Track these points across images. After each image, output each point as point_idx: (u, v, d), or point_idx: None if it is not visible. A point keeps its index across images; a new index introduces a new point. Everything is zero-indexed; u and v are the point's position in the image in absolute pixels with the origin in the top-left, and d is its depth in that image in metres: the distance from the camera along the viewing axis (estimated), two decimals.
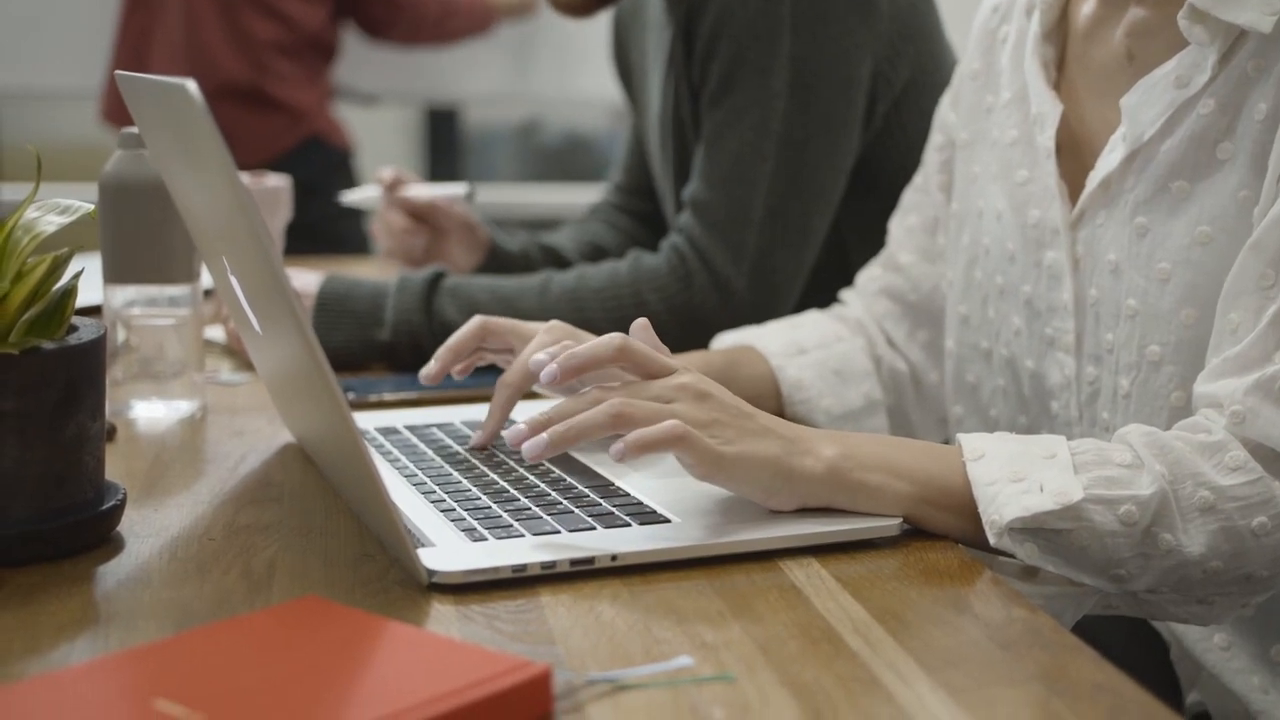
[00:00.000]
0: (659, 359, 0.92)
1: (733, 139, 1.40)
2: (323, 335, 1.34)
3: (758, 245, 1.39)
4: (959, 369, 1.20)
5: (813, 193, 1.40)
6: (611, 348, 0.91)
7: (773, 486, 0.88)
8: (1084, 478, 0.87)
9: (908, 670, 0.71)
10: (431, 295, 1.36)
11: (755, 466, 0.88)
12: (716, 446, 0.87)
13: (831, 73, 1.39)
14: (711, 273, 1.39)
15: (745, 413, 0.90)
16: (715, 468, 0.87)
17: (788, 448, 0.89)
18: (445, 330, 1.35)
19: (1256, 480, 0.88)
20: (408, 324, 1.35)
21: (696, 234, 1.40)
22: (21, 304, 0.84)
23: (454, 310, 1.35)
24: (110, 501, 0.88)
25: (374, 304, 1.36)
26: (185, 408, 1.20)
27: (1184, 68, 0.99)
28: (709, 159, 1.41)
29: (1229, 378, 0.91)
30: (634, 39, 1.65)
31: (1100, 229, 1.04)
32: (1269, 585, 0.91)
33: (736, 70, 1.39)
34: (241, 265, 0.89)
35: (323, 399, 0.82)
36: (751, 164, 1.39)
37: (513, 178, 4.54)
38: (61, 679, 0.66)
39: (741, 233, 1.39)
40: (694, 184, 1.43)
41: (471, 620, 0.76)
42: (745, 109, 1.39)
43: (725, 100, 1.40)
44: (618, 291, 1.39)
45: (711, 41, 1.41)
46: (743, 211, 1.39)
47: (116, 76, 0.98)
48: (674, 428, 0.86)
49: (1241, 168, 0.96)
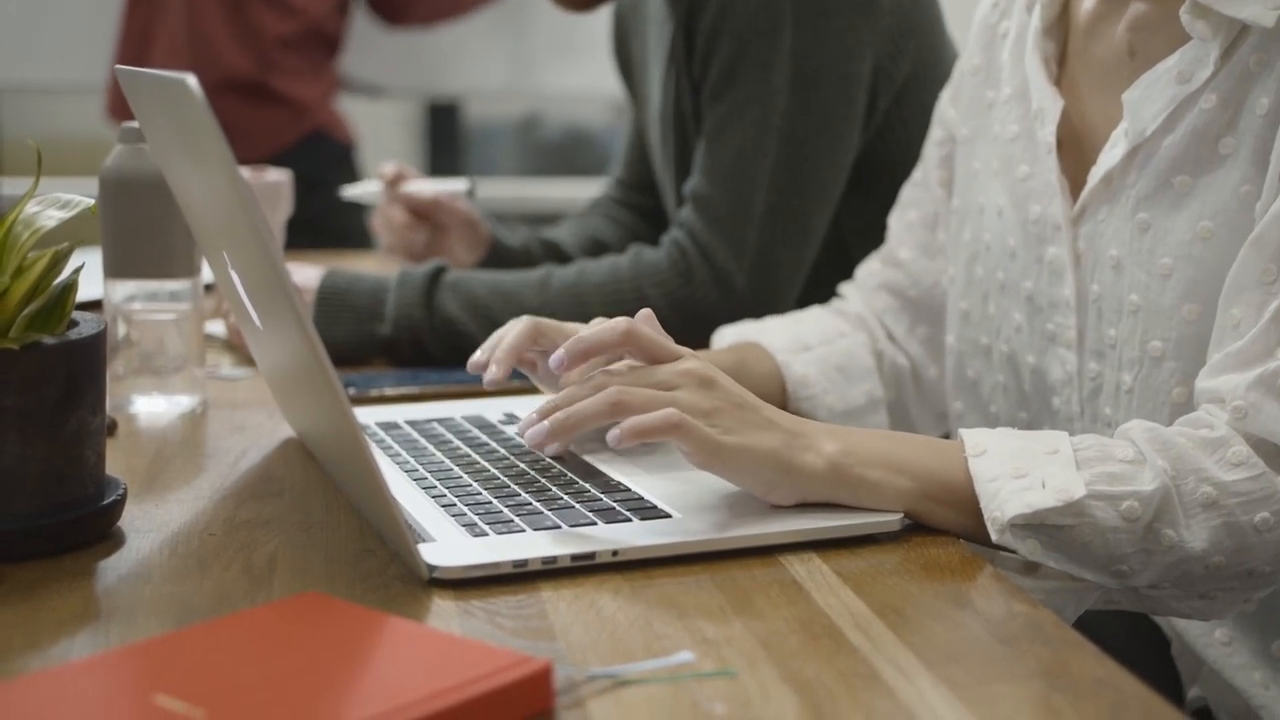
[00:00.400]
0: (665, 344, 0.92)
1: (734, 134, 1.39)
2: (323, 330, 1.34)
3: (759, 241, 1.39)
4: (959, 364, 1.20)
5: (814, 189, 1.40)
6: (618, 332, 0.91)
7: (772, 480, 0.88)
8: (1086, 474, 0.87)
9: (909, 665, 0.71)
10: (432, 290, 1.36)
11: (754, 458, 0.88)
12: (715, 435, 0.87)
13: (833, 68, 1.39)
14: (712, 268, 1.39)
15: (750, 404, 0.90)
16: (713, 457, 0.87)
17: (789, 441, 0.89)
18: (446, 325, 1.35)
19: (1259, 475, 0.88)
20: (408, 319, 1.35)
21: (698, 229, 1.40)
22: (22, 299, 0.84)
23: (455, 305, 1.35)
24: (111, 497, 0.88)
25: (375, 299, 1.36)
26: (186, 403, 1.20)
27: (1186, 63, 0.98)
28: (710, 154, 1.41)
29: (1231, 373, 0.91)
30: (635, 33, 1.65)
31: (1102, 224, 1.04)
32: (1271, 580, 0.91)
33: (738, 65, 1.39)
34: (242, 260, 0.89)
35: (323, 394, 0.82)
36: (753, 159, 1.39)
37: (513, 172, 4.53)
38: (62, 674, 0.66)
39: (743, 228, 1.39)
40: (695, 179, 1.42)
41: (472, 615, 0.76)
42: (746, 104, 1.39)
43: (726, 95, 1.40)
44: (619, 286, 1.39)
45: (713, 37, 1.41)
46: (744, 207, 1.39)
47: (116, 71, 0.97)
48: (670, 415, 0.86)
49: (1243, 163, 0.96)
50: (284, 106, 2.93)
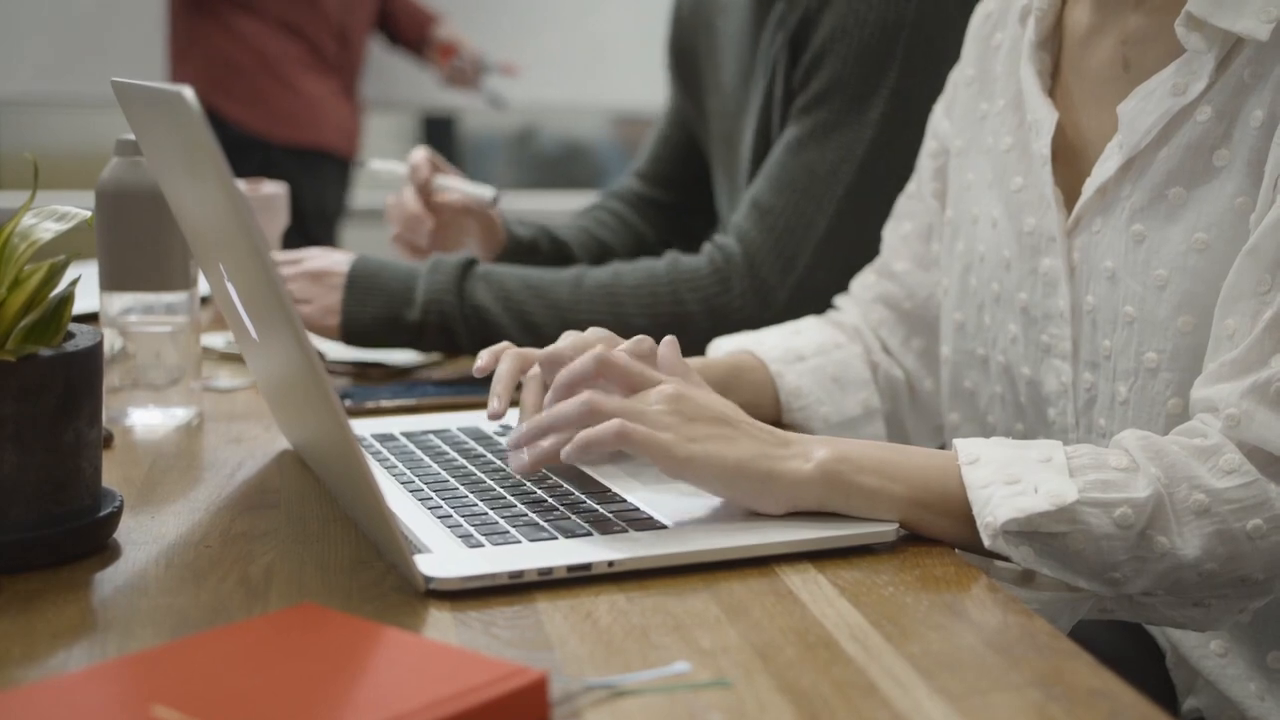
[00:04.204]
0: (640, 372, 0.94)
1: (813, 152, 1.38)
2: (352, 312, 1.34)
3: (809, 262, 1.38)
4: (956, 376, 1.20)
5: (873, 225, 1.38)
6: (590, 363, 0.94)
7: (751, 489, 0.89)
8: (1079, 480, 0.87)
9: (905, 676, 0.71)
10: (464, 278, 1.35)
11: (723, 467, 0.89)
12: (677, 444, 0.89)
13: (923, 114, 1.38)
14: (756, 279, 1.38)
15: (729, 419, 0.91)
16: (678, 465, 0.89)
17: (766, 451, 0.90)
18: (476, 313, 1.34)
19: (1252, 483, 0.88)
20: (439, 304, 1.34)
21: (751, 236, 1.39)
22: (19, 311, 0.84)
23: (486, 294, 1.34)
24: (107, 508, 0.88)
25: (405, 283, 1.35)
26: (182, 415, 1.20)
27: (1181, 75, 0.99)
28: (782, 166, 1.40)
29: (1225, 382, 0.91)
30: (703, 26, 1.61)
31: (1097, 236, 1.04)
32: (1265, 589, 0.91)
33: (836, 89, 1.39)
34: (238, 272, 0.89)
35: (320, 406, 0.82)
36: (825, 182, 1.38)
37: (509, 185, 4.54)
38: (59, 686, 0.66)
39: (797, 246, 1.38)
40: (760, 185, 1.41)
41: (468, 626, 0.76)
42: (834, 128, 1.38)
43: (816, 113, 1.39)
44: (655, 289, 1.38)
45: (820, 55, 1.40)
46: (804, 225, 1.38)
47: (112, 83, 0.98)
48: (616, 425, 0.88)
49: (1238, 174, 0.96)
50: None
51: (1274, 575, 0.90)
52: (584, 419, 0.90)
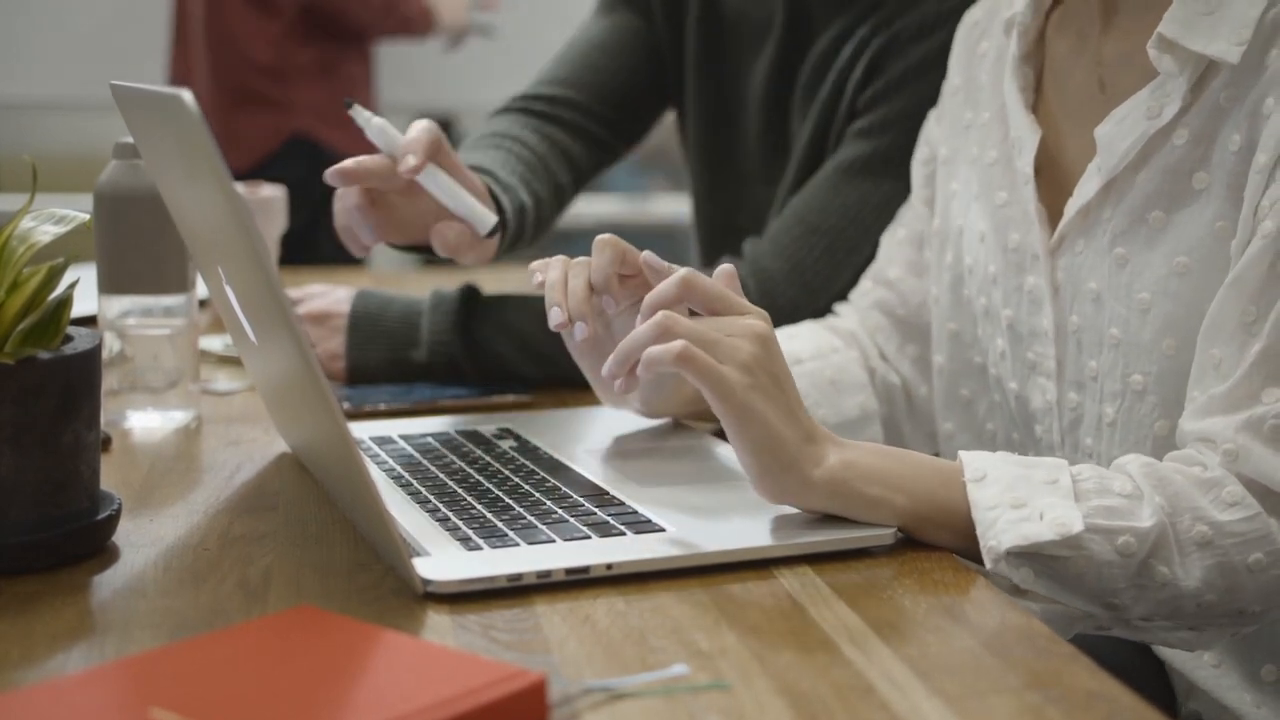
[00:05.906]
0: (726, 296, 0.91)
1: (868, 181, 1.37)
2: (357, 356, 1.32)
3: (848, 285, 1.36)
4: (951, 385, 1.20)
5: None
6: (675, 284, 0.91)
7: (769, 469, 0.87)
8: (1084, 507, 0.86)
9: (903, 678, 0.71)
10: (466, 315, 1.32)
11: (768, 435, 0.87)
12: (740, 385, 0.86)
13: None
14: (805, 293, 1.36)
15: (789, 385, 0.89)
16: (731, 407, 0.86)
17: (801, 444, 0.88)
18: (482, 350, 1.31)
19: (1254, 516, 0.88)
20: (444, 344, 1.32)
21: (800, 257, 1.37)
22: (17, 314, 0.84)
23: (490, 329, 1.32)
24: (106, 511, 0.88)
25: (409, 322, 1.33)
26: (180, 417, 1.20)
27: (1155, 98, 0.98)
28: (835, 188, 1.38)
29: (1217, 416, 0.91)
30: None
31: (1080, 257, 1.04)
32: (1259, 619, 0.91)
33: (901, 121, 1.37)
34: (237, 275, 0.89)
35: (318, 408, 0.82)
36: (876, 213, 1.36)
37: None
38: (57, 688, 0.66)
39: (838, 267, 1.37)
40: (808, 201, 1.39)
41: (467, 629, 0.77)
42: (893, 160, 1.36)
43: (878, 139, 1.38)
44: None
45: (891, 87, 1.39)
46: (846, 250, 1.36)
47: (111, 86, 0.98)
48: (679, 348, 0.85)
49: (1217, 199, 0.96)
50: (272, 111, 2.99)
51: (1270, 607, 0.90)
52: (657, 339, 0.87)
